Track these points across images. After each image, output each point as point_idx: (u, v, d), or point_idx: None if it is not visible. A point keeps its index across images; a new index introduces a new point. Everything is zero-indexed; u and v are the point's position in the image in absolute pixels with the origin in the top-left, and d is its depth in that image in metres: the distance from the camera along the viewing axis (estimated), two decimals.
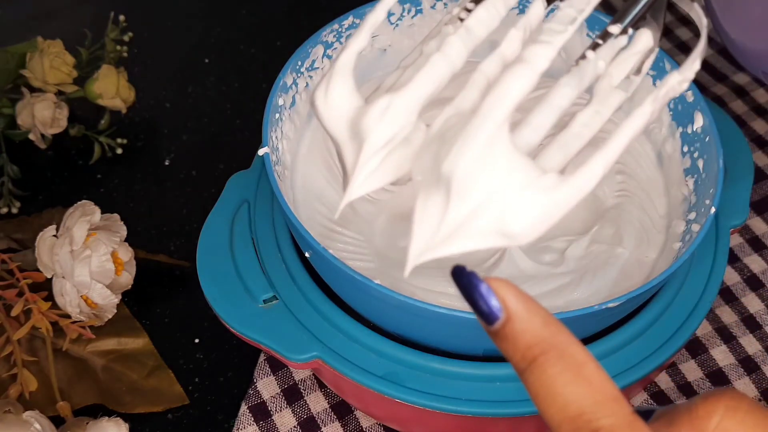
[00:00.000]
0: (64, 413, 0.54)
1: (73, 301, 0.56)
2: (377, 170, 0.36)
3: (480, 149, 0.32)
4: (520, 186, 0.33)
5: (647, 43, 0.41)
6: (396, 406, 0.49)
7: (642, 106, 0.36)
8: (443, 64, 0.36)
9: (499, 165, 0.33)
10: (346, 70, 0.37)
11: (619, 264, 0.52)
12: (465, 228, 0.33)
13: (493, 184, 0.33)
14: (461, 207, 0.33)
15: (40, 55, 0.66)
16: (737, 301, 0.59)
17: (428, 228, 0.34)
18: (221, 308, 0.51)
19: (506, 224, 0.33)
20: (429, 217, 0.34)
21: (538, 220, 0.33)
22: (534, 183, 0.33)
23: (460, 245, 0.33)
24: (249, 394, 0.56)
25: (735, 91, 0.70)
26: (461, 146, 0.33)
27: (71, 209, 0.57)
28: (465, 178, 0.33)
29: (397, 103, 0.35)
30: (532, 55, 0.35)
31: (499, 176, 0.33)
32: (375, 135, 0.35)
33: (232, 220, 0.54)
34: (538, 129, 0.36)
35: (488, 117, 0.33)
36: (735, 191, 0.55)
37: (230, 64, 0.75)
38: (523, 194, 0.33)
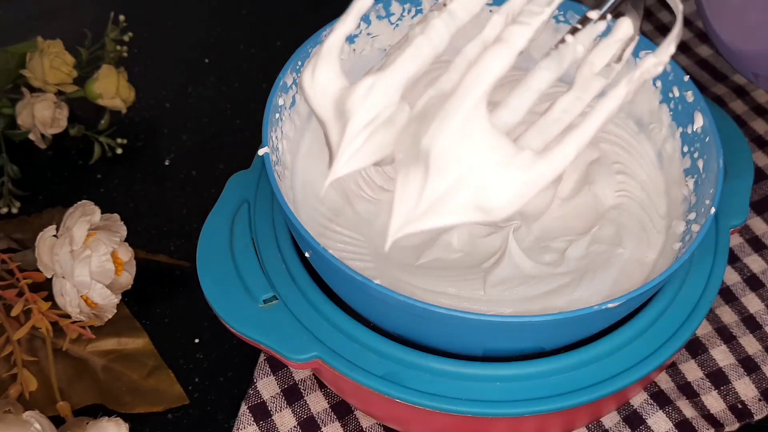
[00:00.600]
0: (64, 413, 0.54)
1: (73, 301, 0.56)
2: (361, 149, 0.37)
3: (458, 125, 0.33)
4: (497, 162, 0.34)
5: (627, 31, 0.41)
6: (396, 406, 0.49)
7: (616, 88, 0.36)
8: (426, 46, 0.37)
9: (477, 141, 0.34)
10: (333, 52, 0.38)
11: (619, 264, 0.52)
12: (443, 202, 0.34)
13: (471, 160, 0.34)
14: (439, 181, 0.34)
15: (40, 55, 0.66)
16: (737, 301, 0.59)
17: (407, 202, 0.35)
18: (221, 308, 0.51)
19: (483, 199, 0.34)
20: (408, 193, 0.35)
21: (514, 195, 0.34)
22: (510, 160, 0.34)
23: (439, 219, 0.35)
24: (249, 394, 0.56)
25: (735, 91, 0.70)
26: (440, 123, 0.34)
27: (71, 209, 0.57)
28: (443, 153, 0.34)
29: (381, 84, 0.36)
30: (510, 34, 0.35)
31: (476, 152, 0.34)
32: (359, 114, 0.36)
33: (232, 220, 0.54)
34: (515, 110, 0.37)
35: (466, 94, 0.34)
36: (735, 191, 0.55)
37: (230, 64, 0.75)
38: (499, 170, 0.34)
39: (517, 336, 0.48)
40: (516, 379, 0.49)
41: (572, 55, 0.38)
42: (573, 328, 0.49)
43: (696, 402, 0.55)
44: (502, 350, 0.50)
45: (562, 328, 0.48)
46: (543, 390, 0.49)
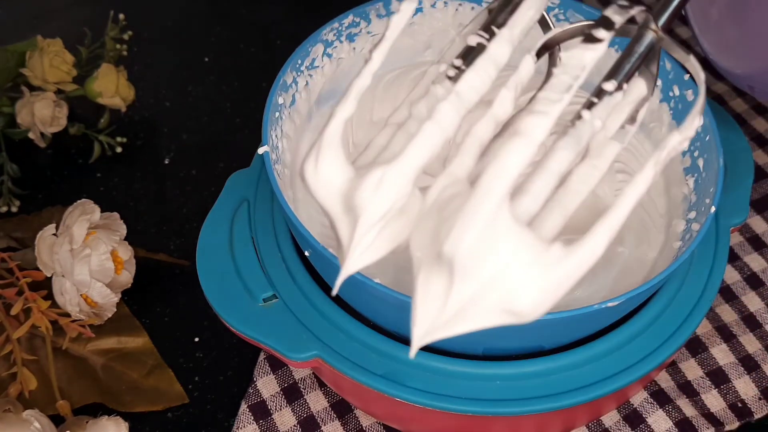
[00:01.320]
0: (64, 412, 0.54)
1: (73, 300, 0.56)
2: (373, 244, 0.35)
3: (482, 228, 0.32)
4: (525, 263, 0.32)
5: (641, 92, 0.40)
6: (396, 405, 0.49)
7: (644, 171, 0.35)
8: (435, 133, 0.35)
9: (502, 242, 0.32)
10: (335, 140, 0.36)
11: (619, 263, 0.52)
12: (470, 308, 0.33)
13: (498, 263, 0.32)
14: (466, 287, 0.32)
15: (39, 53, 0.66)
16: (737, 300, 0.59)
17: (432, 308, 0.33)
18: (221, 307, 0.51)
19: (513, 302, 0.33)
20: (432, 297, 0.33)
21: (545, 296, 0.33)
22: (539, 259, 0.32)
23: (466, 325, 0.33)
24: (249, 393, 0.56)
25: (735, 90, 0.70)
26: (462, 225, 0.32)
27: (71, 208, 0.57)
28: (468, 258, 0.32)
29: (391, 176, 0.35)
30: (529, 127, 0.34)
31: (503, 255, 0.32)
32: (370, 210, 0.35)
33: (232, 218, 0.54)
34: (537, 197, 0.35)
35: (488, 194, 0.32)
36: (735, 190, 0.55)
37: (230, 63, 0.75)
38: (528, 271, 0.32)
39: (517, 335, 0.48)
40: (516, 378, 0.49)
41: (590, 130, 0.36)
42: (573, 327, 0.48)
43: (696, 401, 0.55)
44: (502, 349, 0.49)
45: (562, 327, 0.48)
46: (543, 389, 0.49)
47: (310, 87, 0.56)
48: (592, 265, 0.33)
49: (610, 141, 0.37)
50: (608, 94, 0.37)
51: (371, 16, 0.57)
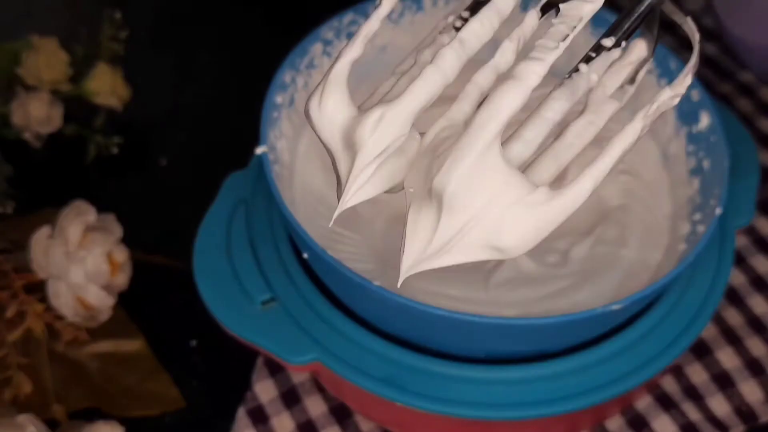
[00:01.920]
0: (59, 416, 0.54)
1: (68, 303, 0.55)
2: (371, 180, 0.37)
3: (471, 164, 0.33)
4: (512, 201, 0.34)
5: (641, 54, 0.41)
6: (396, 409, 0.49)
7: (633, 123, 0.36)
8: (437, 77, 0.37)
9: (490, 180, 0.34)
10: (340, 80, 0.38)
11: (623, 265, 0.51)
12: (456, 242, 0.34)
13: (485, 199, 0.34)
14: (452, 221, 0.34)
15: (34, 53, 0.66)
16: (743, 303, 0.59)
17: (420, 241, 0.35)
18: (218, 310, 0.51)
19: (497, 238, 0.34)
20: (420, 230, 0.35)
21: (529, 234, 0.34)
22: (525, 198, 0.34)
23: (451, 258, 0.34)
24: (246, 398, 0.56)
25: (741, 90, 0.70)
26: (452, 161, 0.34)
27: (66, 209, 0.57)
28: (456, 192, 0.34)
29: (390, 115, 0.36)
30: (524, 71, 0.35)
31: (490, 191, 0.34)
32: (368, 146, 0.36)
33: (230, 220, 0.54)
34: (529, 143, 0.36)
35: (479, 132, 0.34)
36: (741, 191, 0.55)
37: (228, 63, 0.75)
38: (514, 209, 0.34)
39: (520, 338, 0.48)
40: (518, 382, 0.49)
41: (586, 83, 0.38)
42: (576, 331, 0.48)
43: (701, 405, 0.55)
44: (505, 353, 0.49)
45: (565, 331, 0.48)
46: (546, 393, 0.49)
47: (310, 87, 0.56)
48: (575, 209, 0.35)
49: (609, 99, 0.39)
50: (606, 49, 0.38)
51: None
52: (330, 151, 0.37)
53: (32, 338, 0.56)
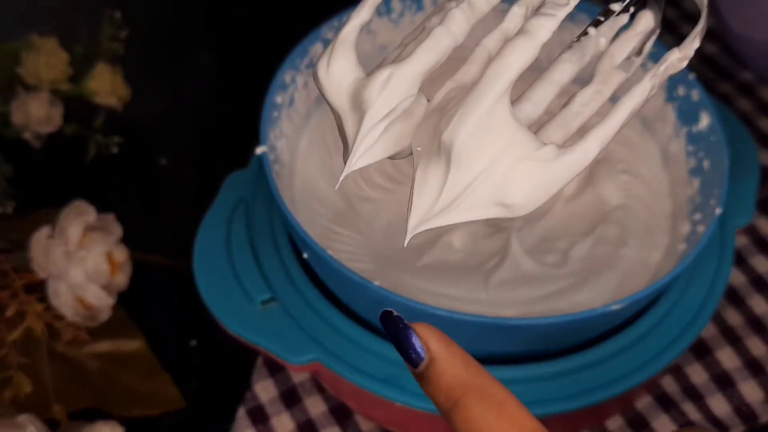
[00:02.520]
0: (59, 416, 0.54)
1: (68, 303, 0.55)
2: (378, 142, 0.36)
3: (480, 119, 0.33)
4: (520, 156, 0.34)
5: (648, 24, 0.41)
6: (396, 409, 0.49)
7: (641, 83, 0.36)
8: (445, 38, 0.36)
9: (499, 135, 0.34)
10: (349, 42, 0.38)
11: (623, 265, 0.51)
12: (464, 198, 0.34)
13: (493, 154, 0.34)
14: (461, 176, 0.34)
15: (34, 52, 0.66)
16: (743, 303, 0.59)
17: (428, 198, 0.35)
18: (218, 310, 0.51)
19: (505, 195, 0.34)
20: (429, 187, 0.34)
21: (537, 191, 0.34)
22: (533, 154, 0.34)
23: (460, 215, 0.34)
24: (246, 398, 0.55)
25: (740, 90, 0.70)
26: (461, 116, 0.33)
27: (66, 209, 0.57)
28: (465, 147, 0.33)
29: (398, 75, 0.36)
30: (534, 26, 0.35)
31: (498, 146, 0.34)
32: (376, 107, 0.36)
33: (229, 220, 0.54)
34: (537, 104, 0.37)
35: (489, 87, 0.34)
36: (741, 191, 0.55)
37: (228, 62, 0.75)
38: (522, 165, 0.34)
39: (520, 338, 0.48)
40: (518, 382, 0.49)
41: (594, 47, 0.38)
42: (576, 331, 0.48)
43: (701, 405, 0.55)
44: (504, 353, 0.49)
45: (565, 331, 0.47)
46: (546, 393, 0.48)
47: (310, 86, 0.56)
48: (583, 168, 0.34)
49: (616, 70, 0.39)
50: (614, 14, 0.39)
51: None
52: (337, 113, 0.37)
53: (32, 338, 0.56)
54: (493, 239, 0.52)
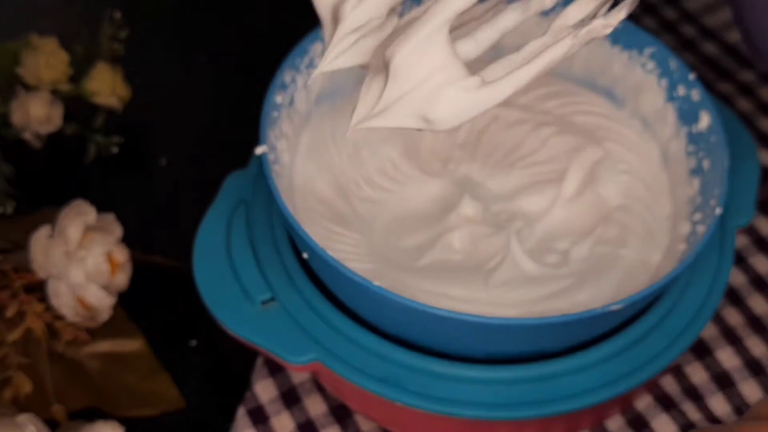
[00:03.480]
0: (59, 416, 0.54)
1: (68, 303, 0.55)
2: (348, 51, 0.42)
3: (419, 42, 0.39)
4: (446, 80, 0.39)
5: None
6: (396, 409, 0.49)
7: (562, 40, 0.40)
8: None
9: (433, 59, 0.39)
10: None
11: (623, 265, 0.51)
12: (395, 107, 0.39)
13: (424, 73, 0.39)
14: (395, 89, 0.39)
15: (34, 52, 0.66)
16: (743, 303, 0.59)
17: (368, 103, 0.40)
18: (218, 310, 0.51)
19: (428, 110, 0.39)
20: (370, 94, 0.40)
21: (456, 113, 0.40)
22: (458, 81, 0.39)
23: (388, 121, 0.40)
24: (246, 398, 0.55)
25: (741, 90, 0.70)
26: (404, 37, 0.39)
27: (66, 209, 0.57)
28: (401, 64, 0.39)
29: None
30: None
31: (430, 68, 0.39)
32: (348, 20, 0.41)
33: (229, 220, 0.54)
34: (478, 43, 0.41)
35: (431, 17, 0.39)
36: (741, 191, 0.55)
37: (228, 62, 0.75)
38: (448, 88, 0.39)
39: (520, 338, 0.48)
40: (518, 382, 0.49)
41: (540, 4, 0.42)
42: (576, 331, 0.48)
43: (701, 405, 0.55)
44: (505, 353, 0.49)
45: (565, 331, 0.48)
46: (546, 393, 0.49)
47: (310, 86, 0.56)
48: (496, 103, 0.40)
49: (567, 28, 0.42)
50: None
51: None
52: (321, 21, 0.43)
53: (32, 338, 0.56)
54: (493, 240, 0.52)
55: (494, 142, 0.57)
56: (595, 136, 0.56)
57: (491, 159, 0.56)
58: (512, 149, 0.56)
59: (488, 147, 0.56)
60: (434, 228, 0.53)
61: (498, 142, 0.57)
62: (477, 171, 0.55)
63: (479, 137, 0.57)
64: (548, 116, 0.58)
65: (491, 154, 0.56)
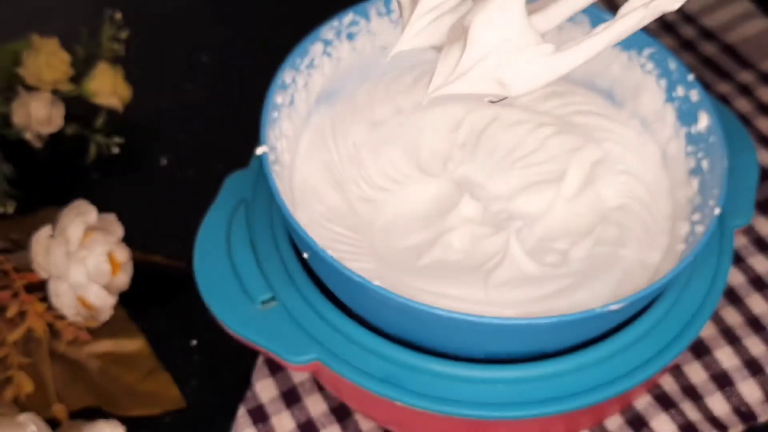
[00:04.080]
0: (60, 416, 0.54)
1: (69, 303, 0.55)
2: (426, 29, 0.42)
3: (495, 10, 0.40)
4: (522, 46, 0.40)
5: None
6: (396, 408, 0.49)
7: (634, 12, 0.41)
8: None
9: (508, 26, 0.40)
10: None
11: (622, 265, 0.51)
12: (471, 72, 0.40)
13: (500, 39, 0.40)
14: (471, 54, 0.40)
15: (35, 53, 0.66)
16: (742, 302, 0.59)
17: (445, 69, 0.41)
18: (219, 310, 0.51)
19: (504, 75, 0.40)
20: (448, 61, 0.41)
21: (530, 78, 0.41)
22: (532, 47, 0.40)
23: (464, 86, 0.40)
24: (247, 397, 0.56)
25: (740, 90, 0.70)
26: (482, 6, 0.40)
27: (67, 209, 0.57)
28: (478, 31, 0.40)
29: None
30: None
31: (505, 34, 0.40)
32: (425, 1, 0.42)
33: (230, 220, 0.54)
34: (549, 19, 0.42)
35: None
36: (740, 191, 0.55)
37: (228, 63, 0.75)
38: (522, 54, 0.40)
39: (519, 338, 0.48)
40: (518, 382, 0.49)
41: None
42: (576, 331, 0.48)
43: (700, 404, 0.55)
44: (504, 352, 0.49)
45: (564, 331, 0.48)
46: (545, 392, 0.49)
47: (310, 87, 0.56)
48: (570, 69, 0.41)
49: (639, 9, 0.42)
50: None
51: (371, 15, 0.57)
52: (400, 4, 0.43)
53: (33, 338, 0.56)
54: (492, 240, 0.52)
55: (494, 142, 0.57)
56: (594, 137, 0.56)
57: (491, 159, 0.56)
58: (512, 149, 0.57)
59: (488, 147, 0.57)
60: (434, 228, 0.53)
61: (498, 142, 0.57)
62: (477, 171, 0.55)
63: (479, 137, 0.57)
64: (548, 116, 0.58)
65: (491, 154, 0.56)
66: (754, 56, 0.72)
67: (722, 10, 0.75)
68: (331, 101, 0.57)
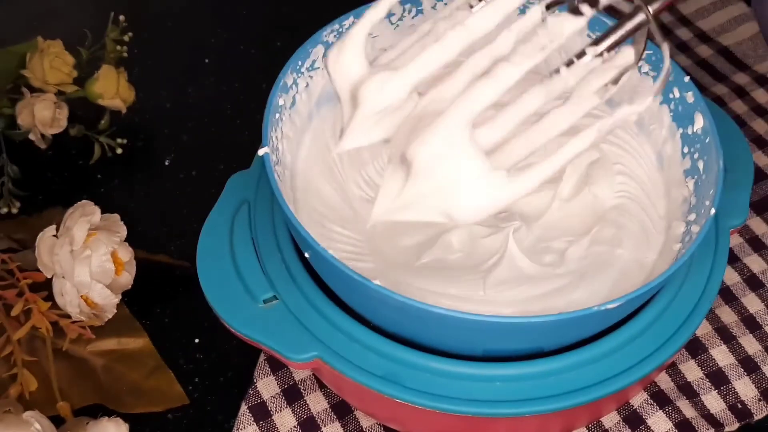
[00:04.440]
0: (64, 413, 0.54)
1: (73, 301, 0.56)
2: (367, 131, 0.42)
3: (440, 143, 0.39)
4: (470, 179, 0.40)
5: (628, 60, 0.45)
6: (396, 406, 0.49)
7: (588, 131, 0.41)
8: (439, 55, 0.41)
9: (455, 160, 0.39)
10: (359, 37, 0.42)
11: (618, 265, 0.51)
12: (416, 203, 0.40)
13: (446, 175, 0.39)
14: (415, 187, 0.40)
15: (40, 55, 0.66)
16: (737, 301, 0.59)
17: (389, 196, 0.41)
18: (221, 308, 0.51)
19: (450, 207, 0.40)
20: (391, 188, 0.41)
21: (478, 210, 0.41)
22: (481, 179, 0.40)
23: (410, 215, 0.41)
24: (249, 394, 0.56)
25: (735, 92, 0.70)
26: (425, 137, 0.39)
27: (71, 209, 0.57)
28: (423, 165, 0.39)
29: (393, 82, 0.41)
30: (501, 72, 0.40)
31: (453, 169, 0.39)
32: (368, 105, 0.41)
33: (232, 220, 0.54)
34: (500, 129, 0.41)
35: (453, 117, 0.39)
36: (735, 191, 0.55)
37: (230, 64, 0.75)
38: (470, 187, 0.40)
39: (517, 337, 0.48)
40: (516, 379, 0.49)
41: (563, 86, 0.42)
42: (573, 329, 0.49)
43: (696, 402, 0.55)
44: (502, 350, 0.49)
45: (561, 329, 0.48)
46: (543, 390, 0.49)
47: (311, 88, 0.56)
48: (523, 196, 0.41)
49: (592, 95, 0.43)
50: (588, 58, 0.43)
51: None
52: (339, 98, 0.43)
53: (38, 336, 0.57)
54: (491, 239, 0.52)
55: None
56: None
57: None
58: None
59: None
60: (433, 227, 0.52)
61: None
62: None
63: None
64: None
65: None
66: (750, 58, 0.72)
67: (718, 13, 0.75)
68: (332, 103, 0.58)
